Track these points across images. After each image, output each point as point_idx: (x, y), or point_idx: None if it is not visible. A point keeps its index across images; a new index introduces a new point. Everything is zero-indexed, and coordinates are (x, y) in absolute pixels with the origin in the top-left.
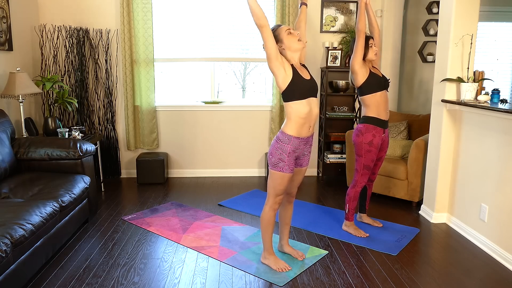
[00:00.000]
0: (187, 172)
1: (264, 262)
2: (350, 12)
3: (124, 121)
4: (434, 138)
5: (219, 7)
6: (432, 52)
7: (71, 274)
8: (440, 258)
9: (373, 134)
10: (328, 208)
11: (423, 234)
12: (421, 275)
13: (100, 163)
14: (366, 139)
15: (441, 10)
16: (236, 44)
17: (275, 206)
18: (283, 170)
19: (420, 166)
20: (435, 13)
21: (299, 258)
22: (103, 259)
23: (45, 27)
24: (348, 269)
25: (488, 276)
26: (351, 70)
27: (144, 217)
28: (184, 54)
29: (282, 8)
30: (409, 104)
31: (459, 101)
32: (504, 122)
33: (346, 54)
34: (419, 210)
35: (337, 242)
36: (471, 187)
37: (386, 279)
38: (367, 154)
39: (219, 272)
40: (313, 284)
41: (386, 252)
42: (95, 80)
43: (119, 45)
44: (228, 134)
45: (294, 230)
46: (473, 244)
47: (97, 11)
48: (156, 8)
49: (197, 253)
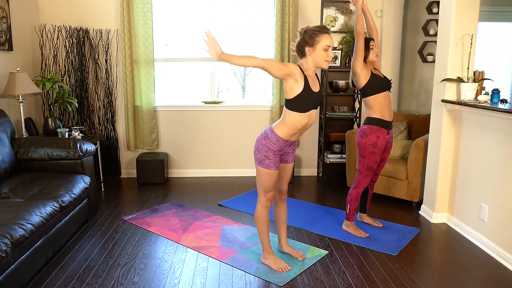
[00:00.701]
0: (187, 172)
1: (264, 262)
2: (350, 12)
3: (124, 121)
4: (434, 138)
5: (219, 7)
6: (432, 52)
7: (71, 274)
8: (440, 258)
9: (377, 135)
10: (328, 208)
11: (423, 234)
12: (421, 275)
13: (100, 163)
14: (370, 141)
15: (441, 10)
16: (236, 43)
17: (267, 204)
18: (269, 167)
19: (420, 166)
20: (435, 13)
21: (299, 258)
22: (103, 259)
23: (45, 27)
24: (348, 269)
25: (488, 276)
26: (352, 72)
27: (144, 217)
28: (184, 54)
29: (282, 8)
30: (410, 104)
31: (459, 101)
32: (504, 122)
33: (346, 54)
34: (419, 210)
35: (337, 242)
36: (471, 187)
37: (386, 279)
38: (371, 156)
39: (219, 272)
40: (313, 284)
41: (386, 252)
42: (95, 80)
43: (119, 45)
44: (228, 134)
45: (294, 230)
46: (473, 244)
47: (97, 11)
48: (156, 8)
49: (197, 253)
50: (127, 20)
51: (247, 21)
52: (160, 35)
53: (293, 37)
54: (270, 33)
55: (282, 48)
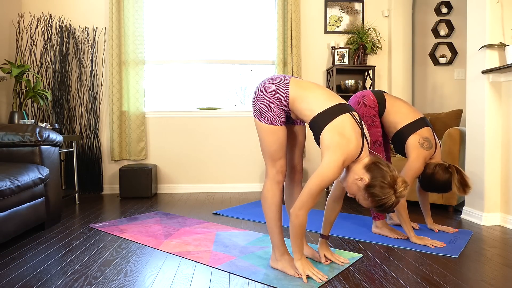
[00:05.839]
0: (179, 187)
1: (275, 267)
2: (356, 12)
3: (108, 128)
4: (474, 122)
5: (217, 5)
6: (445, 54)
7: (3, 286)
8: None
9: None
10: (345, 214)
11: (477, 237)
12: (502, 277)
13: (76, 171)
14: (369, 112)
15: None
16: (232, 46)
17: (278, 177)
18: (273, 121)
19: (456, 161)
20: (445, 13)
21: (323, 261)
22: (46, 266)
23: (24, 19)
24: (399, 274)
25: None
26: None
27: (119, 225)
28: (177, 56)
29: (284, 6)
30: (423, 110)
31: (507, 65)
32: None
33: (355, 53)
34: (460, 215)
35: (371, 245)
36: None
37: (458, 283)
38: (373, 128)
39: (210, 280)
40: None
41: (444, 254)
42: (78, 82)
43: (107, 44)
44: (225, 143)
45: (311, 234)
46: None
47: (84, 6)
48: (148, 7)
49: (181, 259)
50: (116, 17)
51: (247, 20)
52: (151, 35)
53: (296, 35)
54: (272, 33)
55: (284, 47)
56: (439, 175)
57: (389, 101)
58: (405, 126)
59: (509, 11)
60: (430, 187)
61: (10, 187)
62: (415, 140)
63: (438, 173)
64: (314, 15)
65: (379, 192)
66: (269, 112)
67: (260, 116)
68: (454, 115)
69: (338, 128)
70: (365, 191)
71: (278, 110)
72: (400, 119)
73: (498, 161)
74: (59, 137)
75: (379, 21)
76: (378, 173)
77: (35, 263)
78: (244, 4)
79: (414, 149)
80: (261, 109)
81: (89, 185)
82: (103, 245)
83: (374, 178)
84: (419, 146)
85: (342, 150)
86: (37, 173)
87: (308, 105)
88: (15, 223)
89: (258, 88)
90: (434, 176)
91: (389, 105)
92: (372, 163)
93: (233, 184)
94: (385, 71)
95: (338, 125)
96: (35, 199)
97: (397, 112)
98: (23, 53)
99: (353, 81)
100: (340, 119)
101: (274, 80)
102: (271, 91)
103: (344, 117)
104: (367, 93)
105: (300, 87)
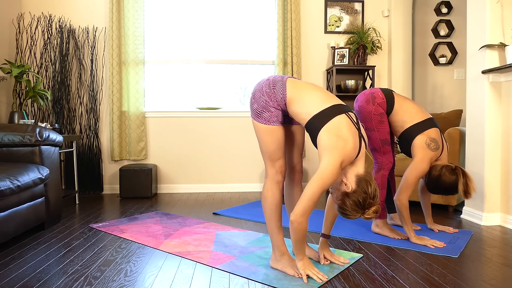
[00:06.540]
0: (179, 187)
1: (275, 267)
2: (356, 12)
3: (109, 128)
4: (475, 121)
5: (218, 5)
6: (445, 54)
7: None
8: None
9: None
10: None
11: (477, 237)
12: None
13: (76, 171)
14: (377, 111)
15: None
16: (233, 46)
17: (278, 177)
18: (270, 121)
19: (456, 161)
20: (445, 13)
21: (321, 262)
22: (46, 266)
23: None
24: (399, 274)
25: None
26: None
27: (119, 225)
28: (177, 56)
29: (284, 6)
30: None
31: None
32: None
33: (355, 53)
34: (460, 215)
35: (371, 245)
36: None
37: (458, 284)
38: (380, 126)
39: (210, 280)
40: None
41: (444, 254)
42: (78, 82)
43: (107, 44)
44: (225, 143)
45: (311, 234)
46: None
47: (84, 6)
48: (148, 7)
49: (181, 259)
50: (116, 17)
51: (247, 20)
52: (151, 35)
53: (296, 35)
54: (272, 33)
55: (284, 47)
56: (445, 177)
57: (398, 100)
58: (412, 126)
59: (509, 11)
60: (437, 189)
61: (10, 187)
62: (422, 141)
63: (444, 175)
64: (314, 15)
65: (350, 206)
66: (266, 112)
67: (257, 117)
68: (454, 115)
69: (335, 129)
70: (341, 195)
71: (275, 110)
72: (408, 118)
73: (498, 161)
74: (59, 137)
75: (379, 21)
76: (360, 192)
77: (35, 263)
78: (244, 4)
79: (420, 150)
80: (258, 110)
81: (89, 185)
82: (103, 245)
83: (355, 192)
84: (425, 147)
85: (339, 151)
86: (37, 173)
87: (304, 107)
88: (15, 223)
89: (255, 89)
90: (440, 178)
91: (397, 104)
92: (364, 179)
93: (233, 184)
94: (385, 71)
95: (335, 126)
96: (35, 199)
97: (405, 111)
98: (23, 53)
99: (353, 81)
100: (336, 120)
101: (271, 81)
102: (267, 92)
103: (340, 118)
104: (376, 91)
105: (297, 87)
